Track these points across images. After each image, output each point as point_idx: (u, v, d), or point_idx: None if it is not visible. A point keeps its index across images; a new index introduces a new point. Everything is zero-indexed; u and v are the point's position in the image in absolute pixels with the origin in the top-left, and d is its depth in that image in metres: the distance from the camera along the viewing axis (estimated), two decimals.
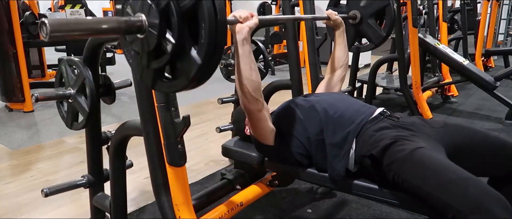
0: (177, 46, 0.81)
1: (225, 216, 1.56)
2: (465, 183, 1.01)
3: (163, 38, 0.82)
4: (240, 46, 1.20)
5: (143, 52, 0.87)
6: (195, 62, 0.81)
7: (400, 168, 1.13)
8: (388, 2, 1.93)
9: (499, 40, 8.06)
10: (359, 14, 1.97)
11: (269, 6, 6.45)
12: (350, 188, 1.32)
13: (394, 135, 1.21)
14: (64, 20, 0.73)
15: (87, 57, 1.41)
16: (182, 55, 0.83)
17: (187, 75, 0.83)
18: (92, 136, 1.54)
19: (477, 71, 3.42)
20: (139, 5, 0.84)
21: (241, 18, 1.20)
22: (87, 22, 0.77)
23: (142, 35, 0.84)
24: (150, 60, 0.87)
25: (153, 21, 0.81)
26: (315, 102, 1.42)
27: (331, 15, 1.70)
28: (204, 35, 0.79)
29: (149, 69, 0.89)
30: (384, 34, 1.95)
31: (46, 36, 0.69)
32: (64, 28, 0.71)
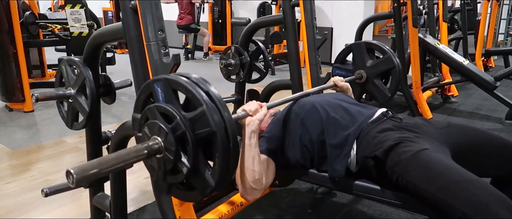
0: (192, 170, 0.88)
1: (225, 216, 1.56)
2: (469, 184, 1.01)
3: (179, 161, 0.88)
4: (247, 138, 1.20)
5: (159, 170, 0.92)
6: (209, 184, 0.88)
7: (404, 169, 1.12)
8: (394, 65, 1.97)
9: (499, 40, 8.06)
10: (365, 74, 2.02)
11: (269, 6, 6.45)
12: (350, 188, 1.32)
13: (398, 137, 1.21)
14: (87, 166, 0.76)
15: (87, 57, 1.41)
16: (196, 175, 0.89)
17: (201, 192, 0.91)
18: (92, 136, 1.54)
19: (477, 71, 3.42)
20: (156, 128, 0.89)
21: (251, 112, 1.21)
22: (108, 161, 0.80)
23: (159, 156, 0.89)
24: (166, 176, 0.93)
25: (169, 146, 0.87)
26: (317, 103, 1.42)
27: (337, 82, 1.73)
28: (218, 162, 0.86)
29: (165, 181, 0.95)
30: (390, 95, 2.00)
31: (73, 184, 0.72)
32: (88, 173, 0.75)
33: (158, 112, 0.90)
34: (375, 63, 2.02)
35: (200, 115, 0.85)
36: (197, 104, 0.85)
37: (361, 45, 2.06)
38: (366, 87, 2.04)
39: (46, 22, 4.17)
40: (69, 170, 0.71)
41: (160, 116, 0.89)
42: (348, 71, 2.06)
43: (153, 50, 1.11)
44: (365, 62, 2.02)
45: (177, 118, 0.86)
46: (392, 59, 1.97)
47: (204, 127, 0.84)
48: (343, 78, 1.77)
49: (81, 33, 3.83)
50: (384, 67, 2.00)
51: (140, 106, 0.98)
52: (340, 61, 2.16)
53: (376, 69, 2.00)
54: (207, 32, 7.37)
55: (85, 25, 3.81)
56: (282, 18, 2.03)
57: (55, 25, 4.17)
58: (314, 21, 2.02)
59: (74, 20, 3.78)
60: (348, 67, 2.10)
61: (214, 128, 0.83)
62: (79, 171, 0.72)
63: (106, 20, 8.11)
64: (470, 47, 5.08)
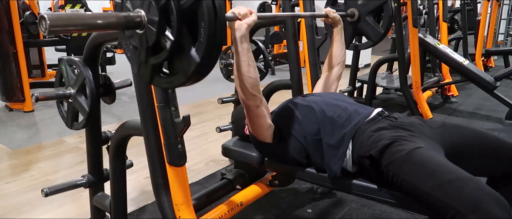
0: (176, 44, 0.82)
1: (225, 216, 1.56)
2: (463, 183, 1.01)
3: (162, 35, 0.82)
4: (239, 44, 1.21)
5: (142, 48, 0.87)
6: (194, 60, 0.82)
7: (398, 168, 1.13)
8: (386, 0, 1.94)
9: (499, 40, 8.05)
10: (357, 12, 1.97)
11: (269, 6, 6.45)
12: (349, 188, 1.32)
13: (393, 136, 1.21)
14: (63, 15, 0.73)
15: (87, 57, 1.41)
16: (180, 53, 0.83)
17: (185, 72, 0.84)
18: (92, 136, 1.55)
19: (477, 71, 3.42)
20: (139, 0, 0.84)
21: (239, 15, 1.21)
22: (86, 17, 0.77)
23: (141, 31, 0.84)
24: (148, 56, 0.87)
25: (152, 18, 0.82)
26: (313, 102, 1.42)
27: (329, 12, 1.71)
28: (203, 34, 0.80)
29: (147, 65, 0.89)
30: (383, 31, 1.96)
31: (45, 30, 0.69)
32: (63, 23, 0.72)
33: None
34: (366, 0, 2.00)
35: None
36: None
37: None
38: (358, 26, 1.99)
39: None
40: (43, 15, 0.68)
41: None
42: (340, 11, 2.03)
43: None
44: (356, 0, 1.98)
45: None
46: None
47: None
48: (335, 10, 1.74)
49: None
50: (376, 3, 1.95)
51: None
52: (331, 2, 2.13)
53: (368, 6, 1.96)
54: None
55: None
56: None
57: None
58: (314, 21, 2.02)
59: None
60: (340, 8, 2.07)
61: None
62: (53, 17, 0.69)
63: None
64: (470, 47, 5.09)
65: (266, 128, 1.39)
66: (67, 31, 0.77)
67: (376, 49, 2.15)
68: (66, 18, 0.73)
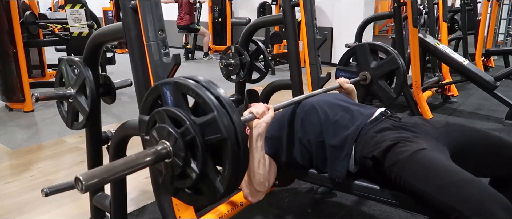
0: (201, 175, 0.86)
1: (225, 216, 1.56)
2: (467, 184, 1.01)
3: (188, 167, 0.87)
4: (254, 141, 1.20)
5: (167, 174, 0.91)
6: (218, 190, 0.86)
7: (402, 169, 1.12)
8: (398, 65, 1.97)
9: (499, 40, 8.05)
10: (369, 75, 2.02)
11: (269, 6, 6.45)
12: (350, 188, 1.32)
13: (396, 137, 1.21)
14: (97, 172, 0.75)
15: (88, 57, 1.41)
16: (205, 180, 0.88)
17: (210, 197, 0.89)
18: (92, 136, 1.54)
19: (477, 71, 3.42)
20: (165, 132, 0.87)
21: (258, 114, 1.20)
22: (118, 166, 0.79)
23: (168, 160, 0.88)
24: (174, 180, 0.91)
25: (178, 152, 0.85)
26: (316, 103, 1.42)
27: (343, 84, 1.73)
28: (227, 168, 0.84)
29: (172, 185, 0.93)
30: (394, 96, 1.99)
31: (81, 191, 0.71)
32: (98, 179, 0.74)
33: (167, 115, 0.88)
34: (379, 64, 2.02)
35: (211, 120, 0.83)
36: (208, 110, 0.84)
37: (365, 47, 2.07)
38: (371, 89, 2.04)
39: (46, 22, 4.17)
40: (78, 177, 0.70)
41: (169, 120, 0.88)
42: (352, 73, 2.07)
43: (153, 50, 1.11)
44: (369, 64, 2.02)
45: (187, 122, 0.85)
46: (396, 60, 1.97)
47: (215, 133, 0.83)
48: (348, 80, 1.77)
49: (81, 33, 3.83)
50: (389, 68, 2.00)
51: (147, 109, 0.96)
52: (343, 63, 2.16)
53: (381, 70, 2.00)
54: (207, 32, 7.37)
55: (85, 25, 3.81)
56: (282, 18, 2.03)
57: (55, 25, 4.17)
58: (314, 21, 2.02)
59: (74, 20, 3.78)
60: (352, 69, 2.10)
61: (225, 135, 0.82)
62: (88, 177, 0.71)
63: (106, 20, 8.11)
64: (470, 47, 5.08)
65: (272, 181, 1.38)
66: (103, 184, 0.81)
67: None
68: (100, 174, 0.76)
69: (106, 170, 0.77)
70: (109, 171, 0.77)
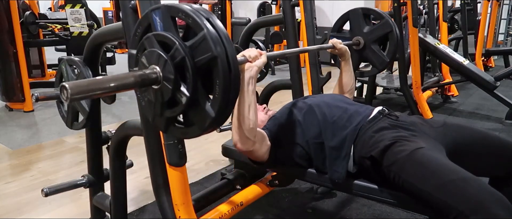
0: (191, 99, 0.84)
1: (225, 216, 1.56)
2: (465, 183, 1.01)
3: (178, 91, 0.84)
4: (246, 84, 1.20)
5: (157, 102, 0.89)
6: (209, 115, 0.84)
7: (400, 168, 1.12)
8: (391, 29, 1.95)
9: (499, 40, 8.05)
10: (362, 40, 2.00)
11: (269, 6, 6.45)
12: (350, 188, 1.32)
13: (394, 136, 1.21)
14: (83, 82, 0.74)
15: (87, 57, 1.41)
16: (195, 107, 0.85)
17: (201, 126, 0.86)
18: (92, 136, 1.54)
19: (477, 71, 3.42)
20: (154, 57, 0.85)
21: (250, 58, 1.20)
22: (105, 81, 0.78)
23: (157, 86, 0.86)
24: (164, 110, 0.89)
25: (168, 75, 0.83)
26: (314, 105, 1.42)
27: (336, 44, 1.72)
28: (218, 90, 0.82)
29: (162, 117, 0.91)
30: (388, 59, 1.98)
31: (67, 99, 0.70)
32: (83, 89, 0.73)
33: (156, 40, 0.86)
34: (372, 28, 2.00)
35: (201, 40, 0.81)
36: (198, 29, 0.82)
37: (358, 11, 2.04)
38: (364, 54, 2.01)
39: (46, 22, 4.17)
40: (65, 85, 0.69)
41: (158, 44, 0.85)
42: (345, 39, 2.04)
43: None
44: (362, 29, 2.00)
45: (176, 43, 0.83)
46: (389, 24, 1.95)
47: (205, 52, 0.81)
48: (341, 41, 1.75)
49: (81, 33, 3.83)
50: (382, 32, 1.97)
51: (136, 41, 0.93)
52: (337, 29, 2.14)
53: (374, 35, 1.98)
54: None
55: (85, 25, 3.81)
56: (282, 18, 2.03)
57: (55, 25, 4.17)
58: (314, 21, 2.02)
59: (74, 20, 3.78)
60: (345, 35, 2.07)
61: (215, 53, 0.80)
62: (74, 86, 0.70)
63: (106, 20, 8.11)
64: (470, 47, 5.08)
65: (262, 154, 1.37)
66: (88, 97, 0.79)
67: None
68: (86, 85, 0.74)
69: (93, 82, 0.76)
70: (96, 83, 0.76)
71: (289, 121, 1.43)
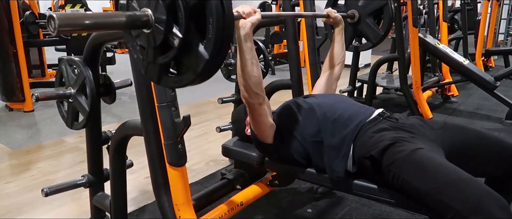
0: (184, 41, 0.81)
1: (225, 216, 1.56)
2: (464, 184, 1.01)
3: (170, 33, 0.82)
4: (243, 42, 1.22)
5: (149, 47, 0.86)
6: (203, 57, 0.81)
7: (399, 169, 1.13)
8: (386, 2, 1.94)
9: (499, 40, 8.06)
10: (357, 13, 1.97)
11: (269, 5, 6.44)
12: (350, 188, 1.32)
13: (394, 136, 1.21)
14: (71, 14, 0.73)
15: (87, 57, 1.41)
16: (189, 51, 0.83)
17: (194, 70, 0.83)
18: (92, 136, 1.55)
19: (477, 71, 3.42)
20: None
21: (244, 14, 1.21)
22: (94, 16, 0.76)
23: (148, 30, 0.83)
24: (156, 55, 0.86)
25: (160, 16, 0.81)
26: (315, 104, 1.42)
27: (330, 13, 1.71)
28: (211, 30, 0.79)
29: (155, 64, 0.88)
30: (382, 33, 1.96)
31: (54, 30, 0.69)
32: (71, 22, 0.72)
33: None
34: (367, 1, 1.98)
35: None
36: None
37: None
38: (359, 27, 1.99)
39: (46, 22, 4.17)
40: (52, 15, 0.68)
41: None
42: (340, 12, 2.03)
43: None
44: (357, 2, 1.99)
45: None
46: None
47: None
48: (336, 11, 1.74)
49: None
50: (377, 5, 1.95)
51: None
52: (331, 4, 2.13)
53: (369, 8, 1.96)
54: None
55: None
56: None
57: None
58: (314, 21, 2.02)
59: None
60: (340, 9, 2.06)
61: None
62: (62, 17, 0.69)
63: None
64: (470, 47, 5.08)
65: (268, 126, 1.39)
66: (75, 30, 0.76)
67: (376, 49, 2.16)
68: (74, 17, 0.73)
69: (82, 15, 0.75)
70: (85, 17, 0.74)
71: (289, 118, 1.43)
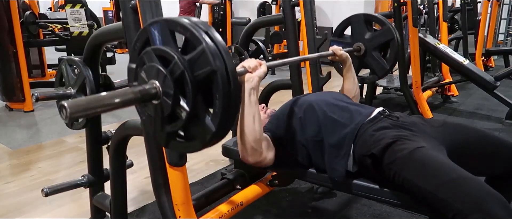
0: (191, 114, 0.83)
1: (225, 216, 1.56)
2: (465, 182, 1.01)
3: (178, 106, 0.84)
4: (247, 96, 1.19)
5: (157, 117, 0.88)
6: (210, 130, 0.83)
7: (400, 167, 1.13)
8: (392, 36, 1.94)
9: (499, 40, 8.06)
10: (363, 46, 1.99)
11: (269, 5, 6.45)
12: (350, 188, 1.32)
13: (395, 135, 1.21)
14: (82, 101, 0.74)
15: (88, 57, 1.41)
16: (196, 121, 0.85)
17: (202, 140, 0.86)
18: (92, 136, 1.54)
19: (477, 71, 3.42)
20: (153, 71, 0.85)
21: (250, 68, 1.20)
22: (104, 98, 0.77)
23: (157, 101, 0.85)
24: (164, 124, 0.88)
25: (167, 90, 0.83)
26: (314, 102, 1.42)
27: (336, 51, 1.71)
28: (218, 104, 0.81)
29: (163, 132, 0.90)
30: (388, 67, 1.97)
31: (66, 118, 0.69)
32: (83, 108, 0.72)
33: (155, 54, 0.85)
34: (373, 35, 1.99)
35: (200, 53, 0.80)
36: (197, 43, 0.81)
37: (360, 17, 2.03)
38: (365, 60, 2.01)
39: (46, 22, 4.17)
40: (63, 104, 0.68)
41: (157, 59, 0.85)
42: (346, 44, 2.02)
43: None
44: (363, 35, 2.00)
45: (175, 58, 0.82)
46: (391, 31, 1.94)
47: (204, 66, 0.80)
48: (341, 48, 1.75)
49: (81, 33, 3.83)
50: (383, 39, 1.97)
51: (136, 55, 0.93)
52: (338, 34, 2.14)
53: (375, 41, 1.97)
54: None
55: (85, 25, 3.81)
56: (282, 18, 2.03)
57: (55, 25, 4.17)
58: (314, 21, 2.02)
59: (74, 20, 3.78)
60: (346, 41, 2.07)
61: (214, 67, 0.79)
62: (72, 104, 0.69)
63: (106, 20, 8.11)
64: (470, 47, 5.09)
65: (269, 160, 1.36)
66: (88, 115, 0.78)
67: None
68: (86, 103, 0.73)
69: (93, 99, 0.75)
70: (96, 100, 0.75)
71: (290, 118, 1.43)
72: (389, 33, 1.94)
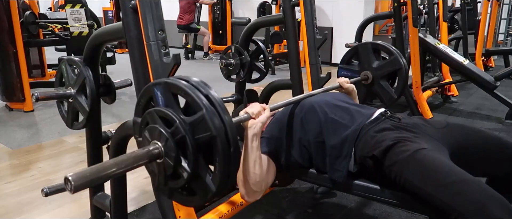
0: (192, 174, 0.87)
1: (225, 216, 1.56)
2: (467, 184, 1.01)
3: (179, 166, 0.87)
4: (249, 141, 1.20)
5: (160, 174, 0.91)
6: (210, 189, 0.87)
7: (402, 169, 1.12)
8: (400, 66, 1.95)
9: (499, 40, 8.06)
10: (371, 75, 2.00)
11: (269, 5, 6.45)
12: (350, 188, 1.32)
13: (396, 136, 1.21)
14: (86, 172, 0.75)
15: (87, 57, 1.41)
16: (197, 180, 0.88)
17: (202, 197, 0.90)
18: (92, 136, 1.54)
19: (477, 71, 3.42)
20: (156, 133, 0.88)
21: (253, 114, 1.20)
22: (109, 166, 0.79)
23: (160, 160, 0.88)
24: (167, 181, 0.91)
25: (169, 151, 0.86)
26: (316, 103, 1.42)
27: (343, 84, 1.71)
28: (218, 166, 0.84)
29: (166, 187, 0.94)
30: (396, 96, 1.97)
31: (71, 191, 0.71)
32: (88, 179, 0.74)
33: (158, 116, 0.89)
34: (381, 64, 2.00)
35: (200, 119, 0.84)
36: (197, 108, 0.84)
37: (367, 46, 2.04)
38: (372, 89, 2.02)
39: (46, 22, 4.17)
40: (67, 177, 0.70)
41: (159, 120, 0.88)
42: (353, 72, 2.04)
43: (153, 50, 1.11)
44: (371, 63, 2.01)
45: (177, 122, 0.85)
46: (398, 60, 1.95)
47: (204, 131, 0.84)
48: (348, 79, 1.76)
49: (81, 33, 3.83)
50: (391, 69, 1.98)
51: (140, 110, 0.97)
52: (345, 62, 2.15)
53: (383, 71, 1.98)
54: (207, 32, 7.37)
55: (85, 25, 3.81)
56: (282, 18, 2.03)
57: (55, 25, 4.17)
58: (314, 21, 2.02)
59: (74, 19, 3.78)
60: (354, 68, 2.08)
61: (214, 132, 0.82)
62: (77, 177, 0.71)
63: (106, 20, 8.11)
64: (470, 47, 5.08)
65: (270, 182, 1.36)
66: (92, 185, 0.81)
67: None
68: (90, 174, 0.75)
69: (96, 170, 0.77)
70: (99, 171, 0.76)
71: (290, 120, 1.42)
72: (397, 62, 1.96)
